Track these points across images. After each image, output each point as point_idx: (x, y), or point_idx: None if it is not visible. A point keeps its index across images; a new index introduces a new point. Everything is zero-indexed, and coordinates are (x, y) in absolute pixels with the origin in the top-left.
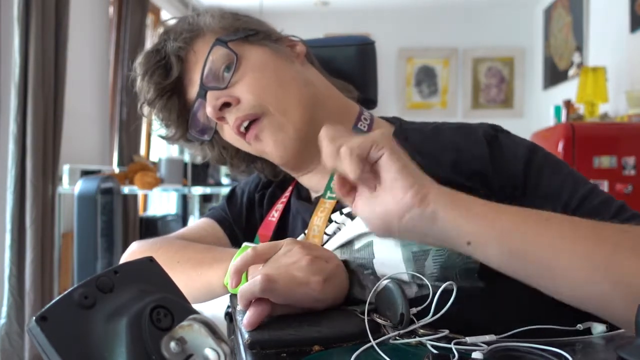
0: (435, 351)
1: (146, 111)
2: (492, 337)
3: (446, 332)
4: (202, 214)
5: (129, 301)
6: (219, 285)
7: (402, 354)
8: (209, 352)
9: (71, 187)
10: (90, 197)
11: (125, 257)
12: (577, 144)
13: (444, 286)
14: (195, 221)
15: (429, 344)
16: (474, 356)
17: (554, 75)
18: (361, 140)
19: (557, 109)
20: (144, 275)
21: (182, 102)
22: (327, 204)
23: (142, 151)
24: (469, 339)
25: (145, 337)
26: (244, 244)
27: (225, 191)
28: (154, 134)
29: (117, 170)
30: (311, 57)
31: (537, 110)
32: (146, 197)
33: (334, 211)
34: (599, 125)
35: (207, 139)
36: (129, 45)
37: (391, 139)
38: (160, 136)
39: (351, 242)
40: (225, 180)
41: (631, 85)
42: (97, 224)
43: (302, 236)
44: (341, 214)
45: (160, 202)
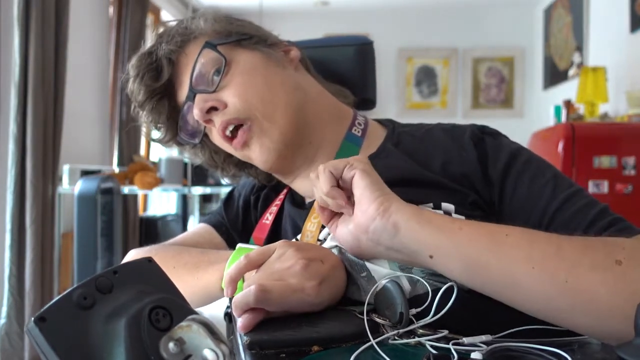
0: (434, 351)
1: (138, 113)
2: (491, 337)
3: (445, 333)
4: (202, 214)
5: (128, 302)
6: (216, 288)
7: (401, 354)
8: (207, 353)
9: (71, 187)
10: (90, 197)
11: None
12: (577, 144)
13: (445, 287)
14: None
15: (428, 344)
16: (473, 356)
17: (554, 75)
18: (337, 161)
19: (557, 109)
20: (143, 275)
21: (172, 105)
22: None
23: (142, 151)
24: (467, 340)
25: (144, 337)
26: (238, 245)
27: (225, 191)
28: (147, 136)
29: (117, 170)
30: (306, 62)
31: (537, 110)
32: (146, 197)
33: None
34: (599, 125)
35: (197, 142)
36: (129, 45)
37: (366, 162)
38: (152, 139)
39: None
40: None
41: (631, 85)
42: (97, 224)
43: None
44: None
45: (160, 202)
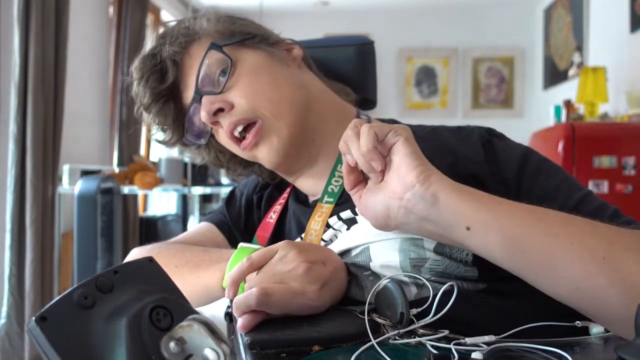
0: (435, 351)
1: (143, 116)
2: (492, 337)
3: (446, 333)
4: (202, 214)
5: (129, 301)
6: (218, 287)
7: (402, 354)
8: (208, 352)
9: (71, 187)
10: (90, 197)
11: None
12: (577, 144)
13: (445, 287)
14: (194, 225)
15: (428, 344)
16: (474, 356)
17: (554, 75)
18: (382, 124)
19: (557, 109)
20: (144, 275)
21: (178, 107)
22: (325, 208)
23: (142, 151)
24: (468, 340)
25: (144, 337)
26: (240, 244)
27: (225, 191)
28: (152, 138)
29: (117, 170)
30: (308, 60)
31: (537, 110)
32: (146, 197)
33: (331, 216)
34: (599, 125)
35: (203, 143)
36: (129, 45)
37: (410, 132)
38: (157, 141)
39: (348, 250)
40: (225, 180)
41: (631, 85)
42: (97, 224)
43: (299, 240)
44: (339, 219)
45: (160, 202)
